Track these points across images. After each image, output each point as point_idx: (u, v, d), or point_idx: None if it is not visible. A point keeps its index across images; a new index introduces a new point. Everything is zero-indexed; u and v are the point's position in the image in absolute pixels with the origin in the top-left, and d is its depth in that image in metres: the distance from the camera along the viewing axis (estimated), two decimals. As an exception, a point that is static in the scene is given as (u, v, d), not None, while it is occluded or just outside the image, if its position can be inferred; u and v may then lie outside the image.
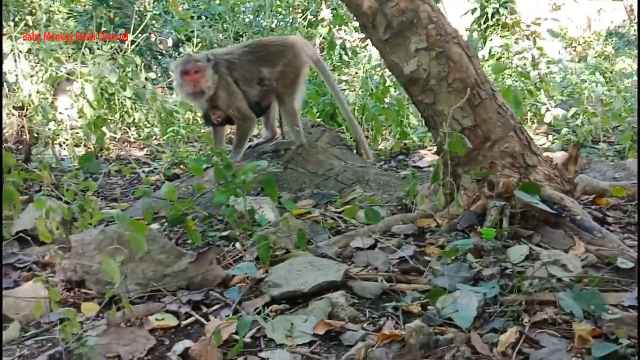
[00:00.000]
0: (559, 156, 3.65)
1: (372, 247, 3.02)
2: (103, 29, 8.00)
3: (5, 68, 6.04)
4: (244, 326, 2.09)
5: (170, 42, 10.62)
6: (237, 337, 2.20)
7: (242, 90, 4.26)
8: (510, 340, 2.15)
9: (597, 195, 3.51)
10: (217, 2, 9.97)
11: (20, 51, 6.22)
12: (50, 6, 9.23)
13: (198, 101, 4.28)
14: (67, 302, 2.62)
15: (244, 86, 4.26)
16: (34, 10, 9.07)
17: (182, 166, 5.15)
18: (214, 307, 2.53)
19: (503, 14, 8.20)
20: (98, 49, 6.73)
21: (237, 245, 3.08)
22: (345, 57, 8.60)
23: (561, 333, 2.21)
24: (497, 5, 8.15)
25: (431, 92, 3.24)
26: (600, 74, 9.22)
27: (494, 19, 7.97)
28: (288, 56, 4.30)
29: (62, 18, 9.13)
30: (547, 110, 6.40)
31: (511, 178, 3.11)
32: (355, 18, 3.47)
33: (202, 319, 2.43)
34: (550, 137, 6.06)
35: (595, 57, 11.00)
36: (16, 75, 5.89)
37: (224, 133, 4.56)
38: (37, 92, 6.34)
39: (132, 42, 7.03)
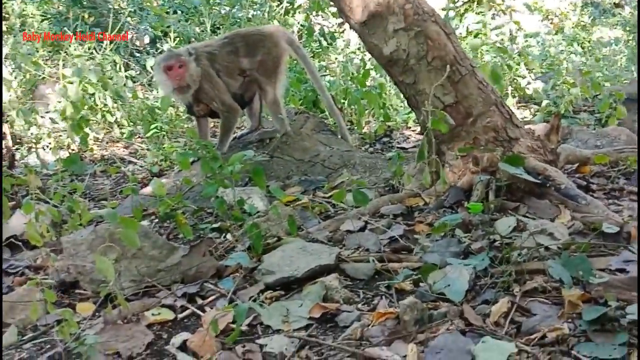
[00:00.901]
0: (540, 128, 3.69)
1: (362, 229, 3.05)
2: (79, 29, 7.92)
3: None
4: (241, 313, 2.12)
5: (147, 39, 10.53)
6: (234, 326, 2.24)
7: (224, 82, 4.26)
8: (502, 310, 2.19)
9: (580, 164, 3.56)
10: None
11: (-3, 57, 6.15)
12: (23, 10, 9.12)
13: (183, 96, 4.25)
14: (63, 304, 2.63)
15: (226, 77, 4.26)
16: (7, 15, 8.97)
17: (167, 162, 5.14)
18: (210, 299, 2.56)
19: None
20: (75, 50, 6.68)
21: (229, 236, 3.10)
22: (324, 43, 8.58)
23: (552, 300, 2.25)
24: None
25: (412, 71, 3.26)
26: (578, 45, 9.27)
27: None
28: (267, 45, 4.31)
29: (36, 21, 9.02)
30: (528, 83, 6.44)
31: (495, 152, 3.15)
32: (332, 2, 3.48)
33: (198, 311, 2.46)
34: (531, 110, 6.11)
35: (572, 28, 11.05)
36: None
37: (208, 126, 4.56)
38: (17, 97, 6.29)
39: (110, 41, 6.98)
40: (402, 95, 5.84)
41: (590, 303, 2.17)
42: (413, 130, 5.74)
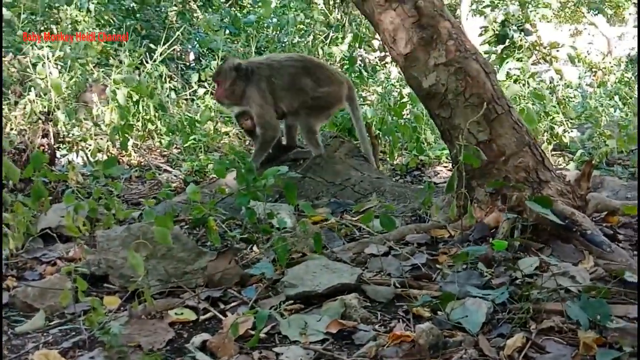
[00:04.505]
0: (572, 174, 3.71)
1: (386, 254, 3.09)
2: (130, 39, 8.21)
3: (35, 75, 6.23)
4: (261, 319, 2.19)
5: (192, 56, 10.82)
6: (252, 332, 2.30)
7: (277, 96, 4.35)
8: (517, 345, 2.22)
9: (609, 213, 3.56)
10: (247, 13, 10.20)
11: (48, 59, 6.40)
12: (76, 16, 9.45)
13: (224, 106, 4.67)
14: (90, 295, 2.71)
15: (280, 91, 4.36)
16: (60, 20, 9.30)
17: (202, 173, 5.27)
18: (232, 304, 2.62)
19: (520, 37, 8.23)
20: (125, 57, 6.91)
21: (255, 248, 3.18)
22: (364, 74, 8.73)
23: (567, 340, 2.27)
24: (508, 29, 8.15)
25: (448, 106, 3.33)
26: (620, 100, 9.25)
27: (506, 41, 8.01)
28: (330, 90, 4.43)
29: (87, 28, 9.31)
30: (564, 132, 6.46)
31: (524, 192, 3.18)
32: (377, 33, 3.58)
33: (219, 315, 2.53)
34: (566, 158, 6.12)
35: (615, 83, 11.03)
36: (47, 81, 6.06)
37: None
38: (63, 99, 6.52)
39: (161, 53, 7.24)
40: (436, 130, 5.94)
41: (605, 347, 2.19)
42: (445, 167, 5.79)
